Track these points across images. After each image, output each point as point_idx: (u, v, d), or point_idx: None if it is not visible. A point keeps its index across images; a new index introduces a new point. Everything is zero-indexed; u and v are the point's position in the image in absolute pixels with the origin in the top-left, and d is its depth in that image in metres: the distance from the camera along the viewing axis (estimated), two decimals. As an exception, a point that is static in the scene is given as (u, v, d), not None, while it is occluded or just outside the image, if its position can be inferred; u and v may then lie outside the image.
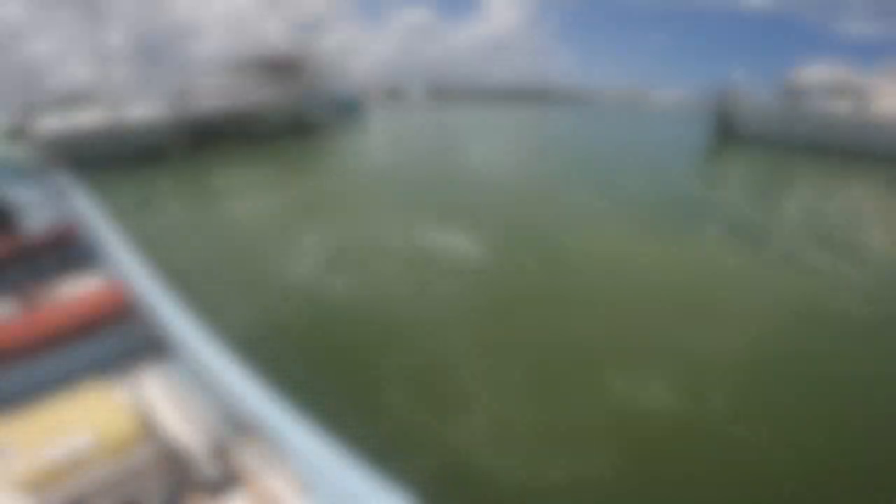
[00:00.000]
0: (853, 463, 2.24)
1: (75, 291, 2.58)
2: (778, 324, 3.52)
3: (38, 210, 3.28)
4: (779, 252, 5.21)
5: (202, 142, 17.95)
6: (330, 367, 2.76)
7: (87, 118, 13.68)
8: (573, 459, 2.18)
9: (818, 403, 2.61)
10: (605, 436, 2.30)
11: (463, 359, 2.87)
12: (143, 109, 14.96)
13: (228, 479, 1.14)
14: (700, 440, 2.30)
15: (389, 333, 3.12)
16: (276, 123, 18.29)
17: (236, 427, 1.29)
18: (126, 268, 2.12)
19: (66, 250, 2.94)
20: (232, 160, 13.28)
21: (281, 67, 28.99)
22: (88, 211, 3.16)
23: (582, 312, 3.54)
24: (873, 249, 5.59)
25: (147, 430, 1.28)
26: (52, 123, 13.68)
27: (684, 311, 3.70)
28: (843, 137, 15.34)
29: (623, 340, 3.17)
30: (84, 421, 1.30)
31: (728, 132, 19.66)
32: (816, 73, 17.74)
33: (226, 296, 3.83)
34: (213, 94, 19.14)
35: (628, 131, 21.34)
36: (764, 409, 2.60)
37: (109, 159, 13.43)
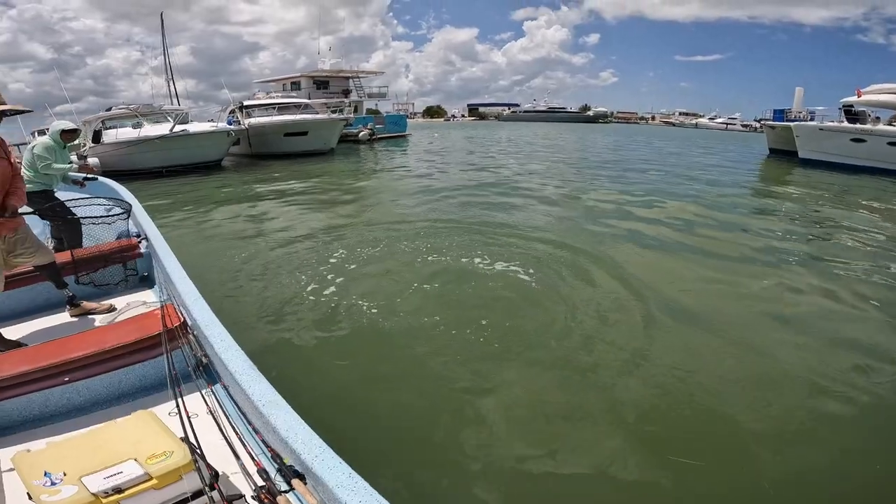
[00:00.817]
0: None
1: (132, 309, 2.65)
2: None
3: (103, 223, 3.38)
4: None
5: (259, 154, 18.89)
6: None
7: (153, 130, 14.39)
8: None
9: None
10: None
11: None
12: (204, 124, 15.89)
13: None
14: None
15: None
16: (327, 137, 18.76)
17: (284, 469, 1.20)
18: (180, 290, 2.12)
19: (126, 267, 3.05)
20: (282, 172, 13.80)
21: (329, 84, 30.60)
22: (149, 229, 3.23)
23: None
24: None
25: (195, 460, 1.22)
26: (124, 133, 14.78)
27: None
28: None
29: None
30: (133, 447, 1.25)
31: (785, 154, 18.51)
32: (880, 90, 16.39)
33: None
34: (268, 108, 20.27)
35: (670, 152, 20.27)
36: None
37: (169, 169, 14.37)
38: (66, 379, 1.75)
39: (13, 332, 2.40)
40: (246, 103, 21.63)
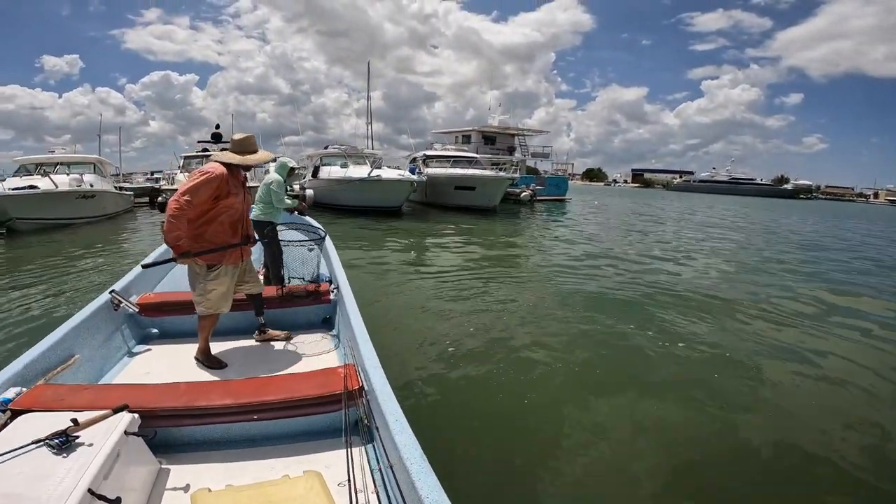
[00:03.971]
0: None
1: (309, 345, 2.92)
2: None
3: (306, 259, 3.68)
4: None
5: (430, 203, 20.61)
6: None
7: (355, 171, 16.72)
8: None
9: None
10: None
11: None
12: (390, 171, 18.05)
13: None
14: None
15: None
16: (492, 195, 19.35)
17: None
18: (363, 353, 2.19)
19: (315, 309, 3.30)
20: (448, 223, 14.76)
21: (496, 139, 32.14)
22: (340, 278, 3.45)
23: None
24: None
25: None
26: (334, 171, 17.76)
27: None
28: None
29: None
30: None
31: None
32: None
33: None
34: (443, 160, 22.17)
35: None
36: None
37: (360, 208, 16.37)
38: (256, 417, 1.95)
39: (213, 350, 2.80)
40: (427, 153, 24.14)
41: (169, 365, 2.70)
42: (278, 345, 3.01)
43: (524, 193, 24.32)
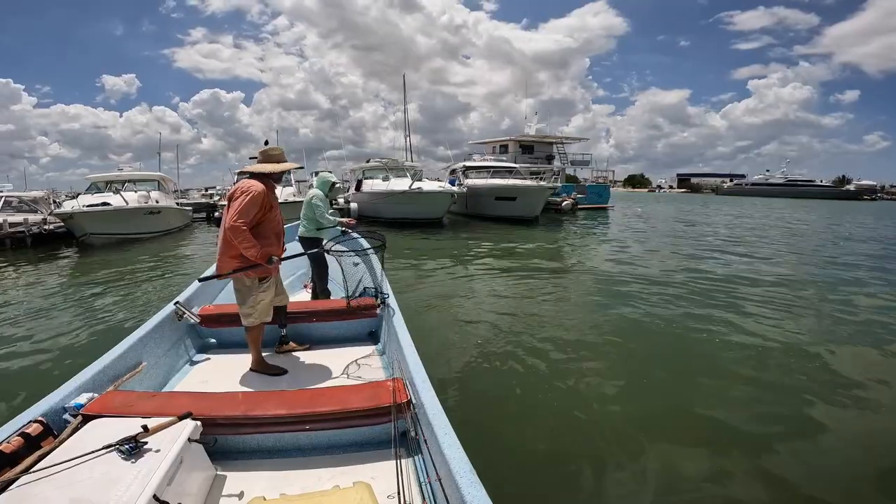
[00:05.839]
0: None
1: (360, 365, 2.90)
2: None
3: (354, 273, 3.70)
4: None
5: (471, 215, 20.50)
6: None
7: (396, 184, 16.99)
8: None
9: None
10: None
11: None
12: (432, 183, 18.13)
13: None
14: None
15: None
16: (533, 205, 19.09)
17: None
18: (411, 369, 2.16)
19: (362, 322, 3.30)
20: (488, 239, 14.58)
21: (533, 148, 31.46)
22: (385, 288, 3.43)
23: None
24: None
25: None
26: (376, 185, 18.10)
27: None
28: None
29: None
30: None
31: None
32: None
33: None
34: (482, 171, 22.04)
35: None
36: None
37: (402, 220, 16.40)
38: (307, 427, 1.94)
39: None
40: (466, 164, 24.07)
41: (226, 374, 2.76)
42: (326, 357, 3.05)
43: (565, 203, 23.79)
